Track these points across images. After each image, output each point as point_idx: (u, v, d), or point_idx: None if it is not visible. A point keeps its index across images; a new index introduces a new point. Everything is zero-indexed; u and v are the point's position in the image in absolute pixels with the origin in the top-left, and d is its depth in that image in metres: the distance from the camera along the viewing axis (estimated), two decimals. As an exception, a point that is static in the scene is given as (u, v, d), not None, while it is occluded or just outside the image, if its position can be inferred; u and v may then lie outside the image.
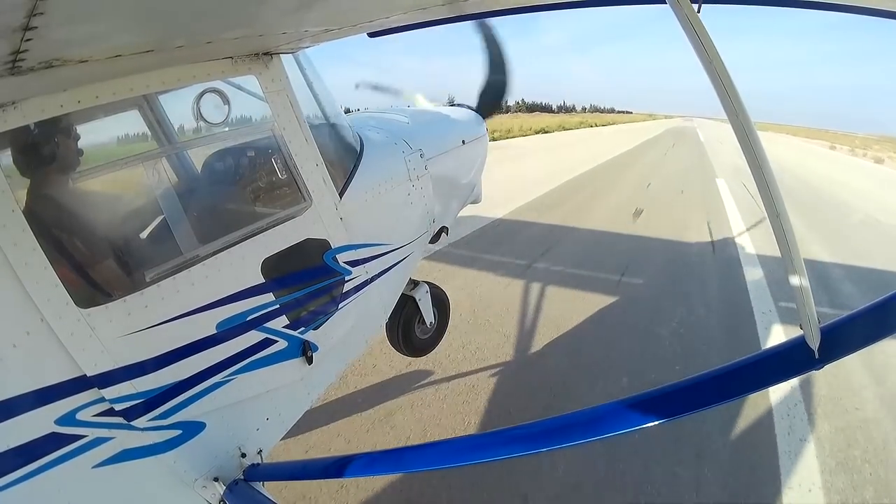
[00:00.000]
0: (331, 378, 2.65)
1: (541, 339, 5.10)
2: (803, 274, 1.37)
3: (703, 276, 6.98)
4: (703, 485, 3.20)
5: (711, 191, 14.29)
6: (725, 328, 5.40)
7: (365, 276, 2.69)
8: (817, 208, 12.64)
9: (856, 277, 7.06)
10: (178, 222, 2.06)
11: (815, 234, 9.53)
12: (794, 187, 16.19)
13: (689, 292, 6.32)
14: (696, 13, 1.24)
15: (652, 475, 3.26)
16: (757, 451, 3.51)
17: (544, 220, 9.69)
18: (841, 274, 7.17)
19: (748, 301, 6.02)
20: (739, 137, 1.30)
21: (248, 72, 2.14)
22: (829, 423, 3.83)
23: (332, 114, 2.88)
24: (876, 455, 3.46)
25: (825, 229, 10.09)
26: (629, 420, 1.62)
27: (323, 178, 2.39)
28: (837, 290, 6.61)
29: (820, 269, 7.28)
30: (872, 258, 8.03)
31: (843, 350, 1.44)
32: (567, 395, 4.13)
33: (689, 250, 8.19)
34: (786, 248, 1.36)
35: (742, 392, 1.60)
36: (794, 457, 3.44)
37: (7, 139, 1.71)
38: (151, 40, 1.49)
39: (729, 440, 3.64)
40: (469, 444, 1.96)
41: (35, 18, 0.91)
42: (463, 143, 3.85)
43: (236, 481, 2.06)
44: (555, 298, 6.04)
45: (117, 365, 1.72)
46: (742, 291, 6.35)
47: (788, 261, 1.37)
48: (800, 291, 1.38)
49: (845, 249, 8.52)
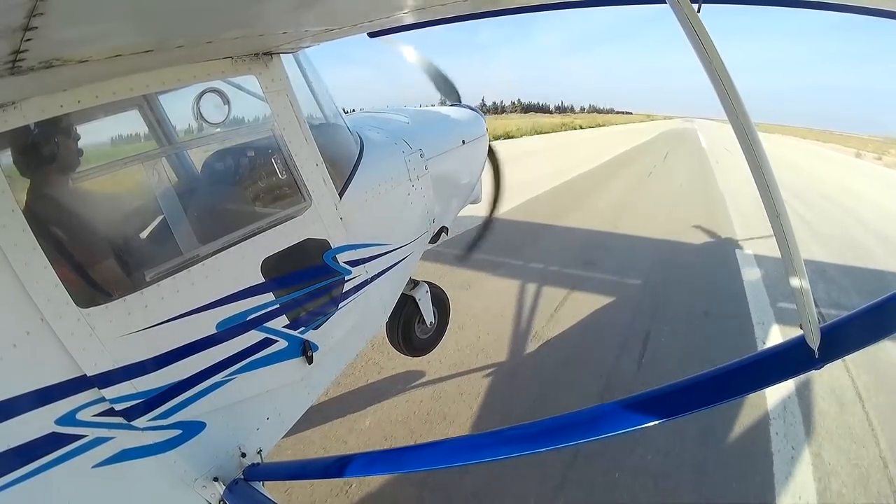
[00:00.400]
0: (331, 378, 2.65)
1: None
2: (803, 274, 1.38)
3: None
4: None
5: (724, 274, 7.30)
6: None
7: (365, 275, 2.69)
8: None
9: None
10: (177, 222, 2.06)
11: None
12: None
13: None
14: (696, 13, 1.24)
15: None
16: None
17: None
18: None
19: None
20: (739, 137, 1.31)
21: (248, 72, 2.14)
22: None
23: (332, 114, 2.88)
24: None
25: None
26: (629, 420, 1.63)
27: (323, 177, 2.39)
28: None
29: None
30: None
31: (843, 350, 1.44)
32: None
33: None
34: (786, 248, 1.36)
35: (742, 392, 1.60)
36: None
37: (7, 139, 1.71)
38: (151, 40, 1.49)
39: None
40: (468, 443, 1.97)
41: (35, 18, 0.91)
42: (463, 142, 3.85)
43: (236, 481, 2.07)
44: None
45: (117, 365, 1.72)
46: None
47: (788, 262, 1.38)
48: (800, 292, 1.38)
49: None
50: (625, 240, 8.86)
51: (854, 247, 9.01)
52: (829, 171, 24.56)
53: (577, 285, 6.47)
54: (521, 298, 6.11)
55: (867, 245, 9.20)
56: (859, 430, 3.83)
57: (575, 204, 11.64)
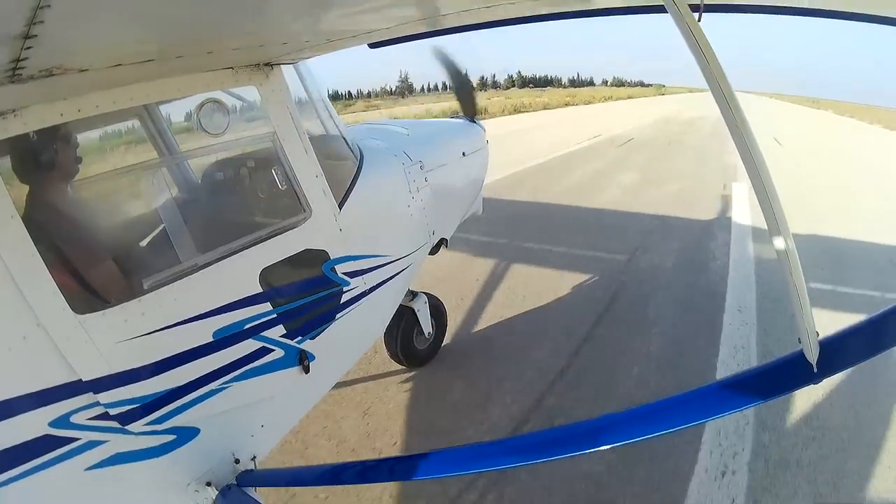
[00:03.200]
0: (327, 387, 2.64)
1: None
2: (803, 288, 1.37)
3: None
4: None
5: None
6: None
7: (363, 286, 2.68)
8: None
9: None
10: (176, 231, 2.06)
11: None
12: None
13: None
14: (697, 21, 1.25)
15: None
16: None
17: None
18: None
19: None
20: (738, 145, 1.30)
21: (249, 82, 2.15)
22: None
23: (332, 125, 2.90)
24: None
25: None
26: (630, 432, 1.62)
27: (322, 188, 2.39)
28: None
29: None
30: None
31: (842, 363, 1.43)
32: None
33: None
34: (786, 262, 1.36)
35: (740, 405, 1.59)
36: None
37: (7, 147, 1.72)
38: (152, 50, 1.51)
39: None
40: (466, 453, 1.95)
41: (35, 27, 0.91)
42: (463, 154, 3.86)
43: (229, 486, 2.06)
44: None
45: (113, 371, 1.72)
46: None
47: (788, 274, 1.37)
48: (799, 305, 1.38)
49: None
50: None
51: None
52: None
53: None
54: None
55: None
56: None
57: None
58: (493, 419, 3.40)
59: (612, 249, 6.59)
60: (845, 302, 5.01)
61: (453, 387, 3.77)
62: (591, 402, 3.54)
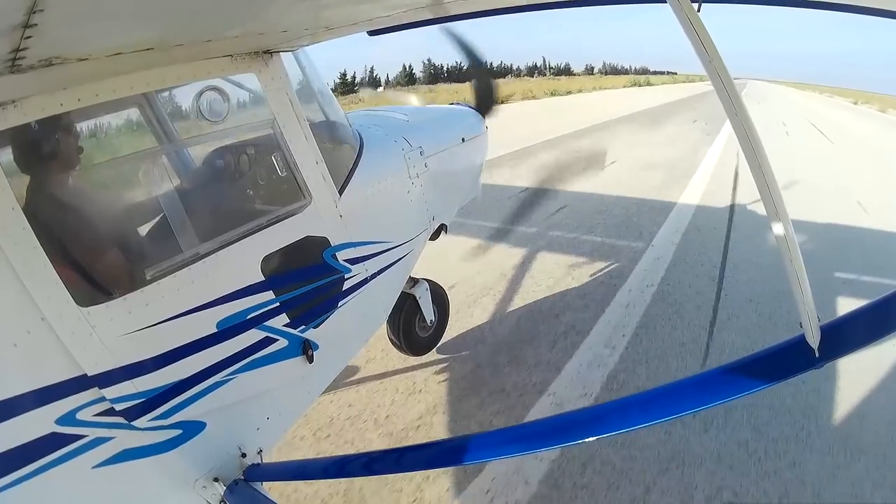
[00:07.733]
0: (331, 376, 2.65)
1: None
2: (802, 272, 1.37)
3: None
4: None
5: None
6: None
7: (365, 273, 2.69)
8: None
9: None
10: (178, 220, 2.05)
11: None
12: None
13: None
14: (697, 12, 1.24)
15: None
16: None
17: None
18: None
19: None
20: (740, 137, 1.30)
21: (248, 70, 2.14)
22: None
23: (332, 111, 2.88)
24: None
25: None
26: (631, 419, 1.64)
27: (322, 175, 2.38)
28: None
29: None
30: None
31: (843, 349, 1.44)
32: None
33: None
34: (785, 247, 1.36)
35: (741, 391, 1.60)
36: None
37: (7, 137, 1.70)
38: (152, 38, 1.49)
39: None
40: (470, 443, 1.96)
41: (35, 16, 0.90)
42: (463, 140, 3.84)
43: (237, 481, 2.06)
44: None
45: (118, 364, 1.71)
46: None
47: (788, 260, 1.37)
48: (799, 290, 1.38)
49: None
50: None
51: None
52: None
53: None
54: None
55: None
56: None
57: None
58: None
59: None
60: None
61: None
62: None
